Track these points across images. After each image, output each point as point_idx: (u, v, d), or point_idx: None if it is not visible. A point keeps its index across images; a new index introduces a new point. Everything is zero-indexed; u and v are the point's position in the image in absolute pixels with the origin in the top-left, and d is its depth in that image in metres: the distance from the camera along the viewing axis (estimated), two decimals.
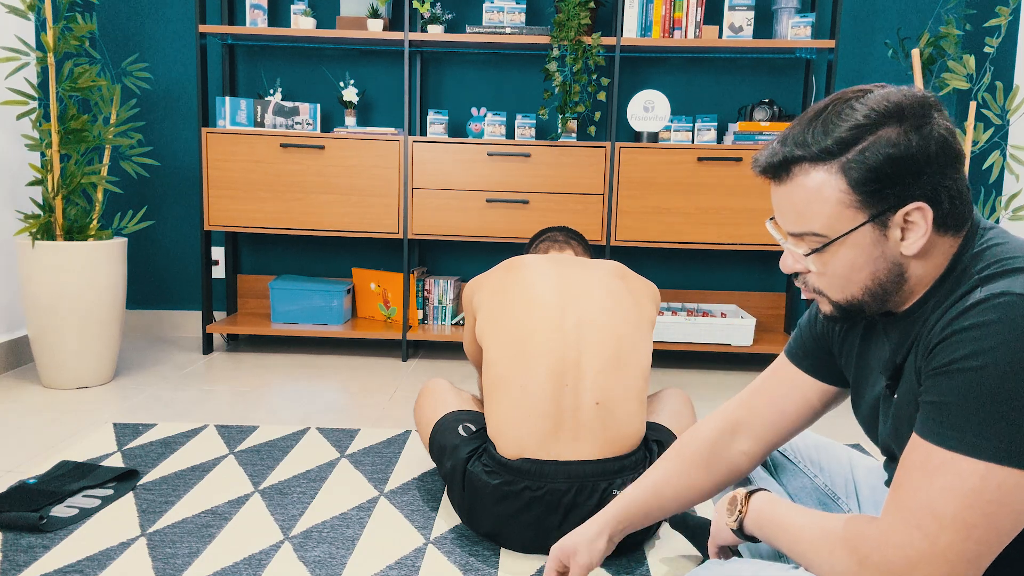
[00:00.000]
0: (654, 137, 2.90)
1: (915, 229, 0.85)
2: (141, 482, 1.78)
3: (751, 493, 1.03)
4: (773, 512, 0.98)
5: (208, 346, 3.05)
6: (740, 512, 1.02)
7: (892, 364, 0.95)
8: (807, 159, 0.86)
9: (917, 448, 0.81)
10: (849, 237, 0.87)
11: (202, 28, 2.88)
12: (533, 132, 3.00)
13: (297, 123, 2.98)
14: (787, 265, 0.94)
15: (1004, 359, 0.75)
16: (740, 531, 1.03)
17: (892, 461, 1.05)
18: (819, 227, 0.88)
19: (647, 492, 1.16)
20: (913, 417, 0.90)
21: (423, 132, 3.21)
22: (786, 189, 0.89)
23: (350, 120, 3.06)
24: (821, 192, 0.86)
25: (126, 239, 2.64)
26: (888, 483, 1.10)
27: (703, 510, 1.70)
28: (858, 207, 0.85)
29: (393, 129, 2.96)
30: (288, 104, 2.97)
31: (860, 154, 0.84)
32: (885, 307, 0.92)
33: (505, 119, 3.12)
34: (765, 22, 3.13)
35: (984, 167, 2.55)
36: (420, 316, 3.21)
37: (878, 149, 0.83)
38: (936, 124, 0.84)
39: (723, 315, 3.08)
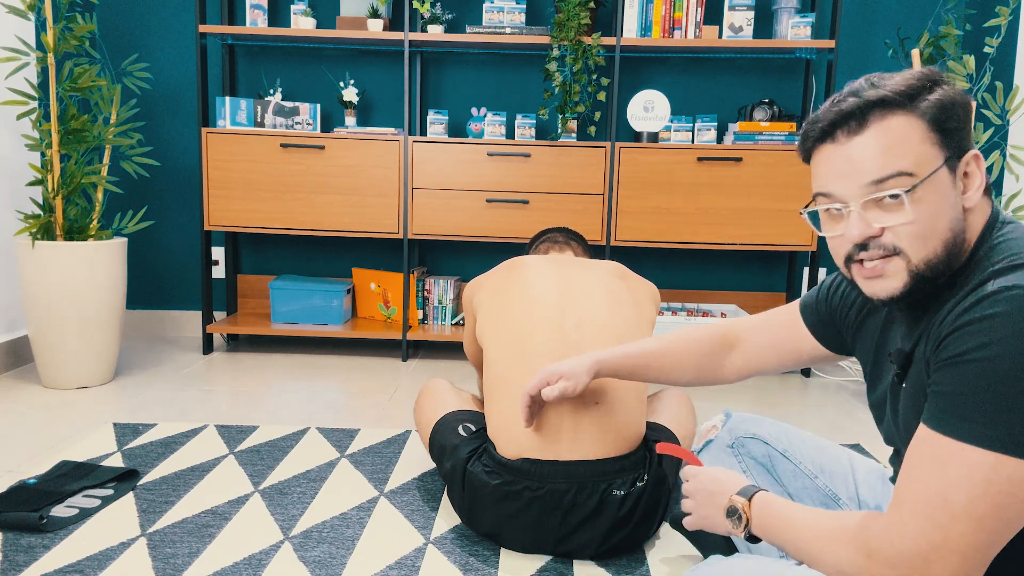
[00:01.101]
0: (654, 137, 2.91)
1: (974, 178, 0.89)
2: (141, 482, 1.78)
3: (750, 497, 1.01)
4: (776, 512, 0.97)
5: (208, 346, 3.05)
6: (746, 519, 1.01)
7: (901, 353, 0.95)
8: (884, 105, 0.86)
9: (925, 439, 0.82)
10: (935, 177, 0.86)
11: (202, 28, 2.88)
12: (533, 132, 3.00)
13: (297, 123, 2.98)
14: (858, 231, 0.88)
15: (1013, 350, 0.76)
16: (749, 537, 1.02)
17: (897, 456, 1.05)
18: (908, 165, 0.85)
19: (640, 355, 1.29)
20: (920, 408, 0.90)
21: (423, 132, 3.21)
22: (861, 139, 0.87)
23: (350, 120, 3.06)
24: (906, 131, 0.86)
25: (126, 239, 2.64)
26: (893, 479, 1.10)
27: None
28: (939, 146, 0.87)
29: (393, 129, 2.96)
30: (288, 104, 2.97)
31: (931, 99, 0.86)
32: (948, 272, 0.89)
33: (505, 119, 3.12)
34: (765, 22, 3.13)
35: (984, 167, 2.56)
36: (420, 316, 3.21)
37: (944, 96, 0.87)
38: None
39: (723, 315, 3.08)
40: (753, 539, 1.02)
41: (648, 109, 2.86)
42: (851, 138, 0.87)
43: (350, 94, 3.04)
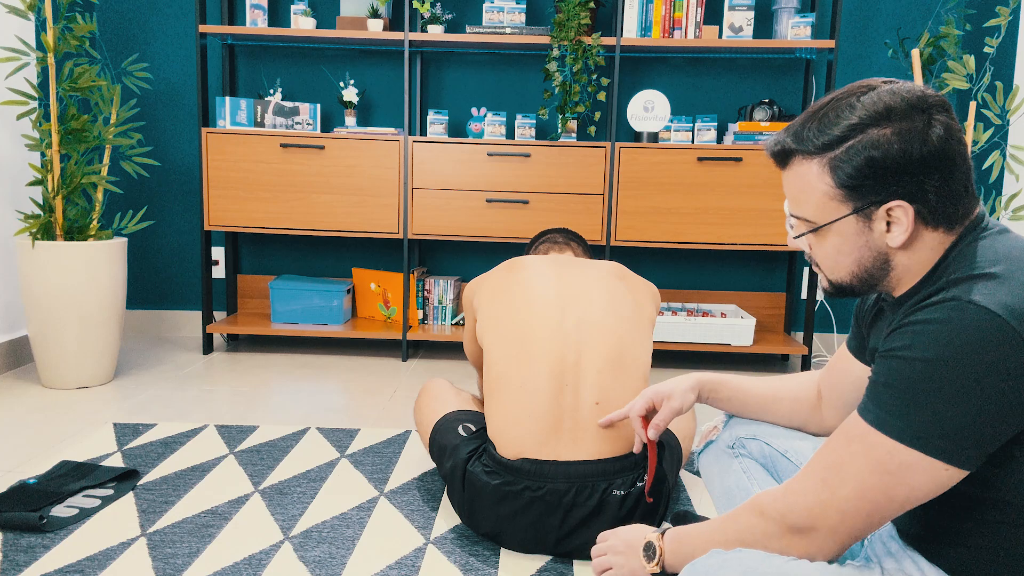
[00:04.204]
0: (654, 137, 2.90)
1: (898, 224, 0.91)
2: (141, 482, 1.78)
3: (663, 534, 1.10)
4: (686, 533, 1.05)
5: (208, 346, 3.05)
6: (659, 554, 1.08)
7: (873, 349, 1.02)
8: (800, 153, 0.95)
9: (850, 418, 0.91)
10: (834, 226, 0.95)
11: (202, 28, 2.88)
12: (533, 132, 3.00)
13: (297, 123, 2.98)
14: (790, 241, 1.03)
15: (931, 355, 0.82)
16: (663, 572, 1.09)
17: None
18: (809, 214, 0.96)
19: (740, 388, 1.30)
20: None
21: (423, 132, 3.21)
22: (786, 175, 0.99)
23: (350, 120, 3.06)
24: (811, 183, 0.94)
25: (126, 239, 2.64)
26: None
27: (705, 510, 1.70)
28: (841, 200, 0.93)
29: (393, 129, 2.96)
30: (288, 104, 2.97)
31: (846, 152, 0.91)
32: (874, 290, 0.99)
33: (505, 119, 3.12)
34: (765, 22, 3.13)
35: (984, 167, 2.55)
36: (420, 316, 3.21)
37: (861, 150, 0.90)
38: (930, 125, 0.89)
39: (723, 315, 3.08)
40: (667, 573, 1.09)
41: (648, 109, 2.86)
42: (783, 171, 0.99)
43: (350, 94, 3.04)
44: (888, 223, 0.92)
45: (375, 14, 2.93)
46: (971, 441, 0.82)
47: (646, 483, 1.42)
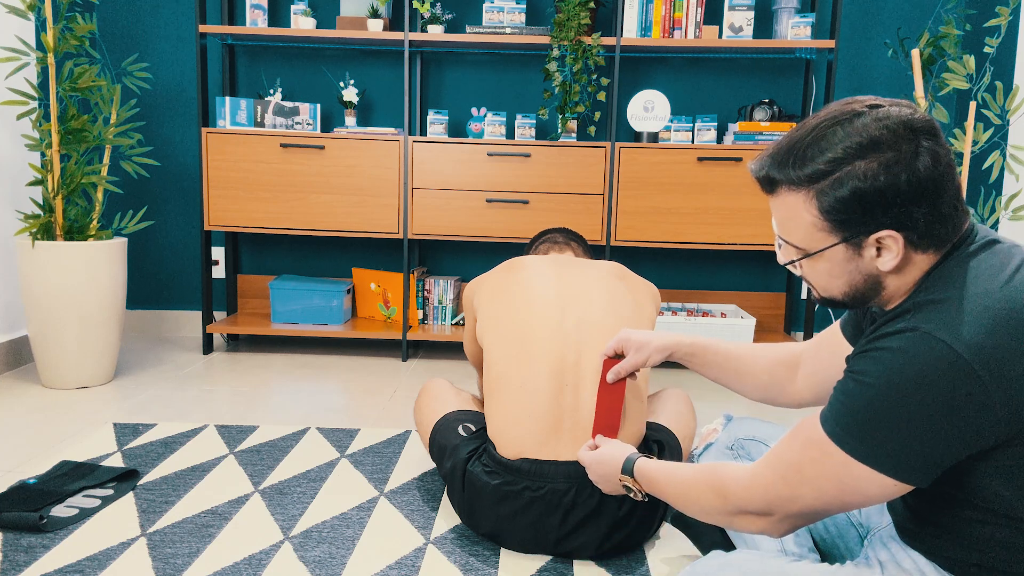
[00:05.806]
0: (654, 137, 2.90)
1: (888, 251, 0.91)
2: (141, 482, 1.78)
3: (632, 472, 1.23)
4: (653, 476, 1.18)
5: (208, 346, 3.05)
6: (639, 492, 1.24)
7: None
8: (784, 183, 0.94)
9: (812, 422, 0.94)
10: (823, 253, 0.95)
11: (202, 28, 2.88)
12: (533, 132, 3.00)
13: (297, 123, 2.98)
14: (780, 259, 1.03)
15: (884, 382, 0.85)
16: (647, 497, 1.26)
17: None
18: (797, 240, 0.96)
19: (717, 352, 1.32)
20: None
21: (423, 132, 3.21)
22: (773, 202, 0.98)
23: (350, 120, 3.06)
24: (797, 213, 0.94)
25: (126, 239, 2.64)
26: None
27: None
28: (829, 231, 0.93)
29: (393, 129, 2.96)
30: (288, 104, 2.97)
31: (831, 185, 0.90)
32: (866, 307, 1.00)
33: (505, 119, 3.12)
34: (765, 22, 3.13)
35: (984, 167, 2.55)
36: (420, 316, 3.21)
37: (847, 182, 0.89)
38: (917, 154, 0.88)
39: (723, 315, 3.08)
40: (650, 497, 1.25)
41: (648, 109, 2.86)
42: (769, 196, 0.98)
43: (350, 94, 3.04)
44: (878, 249, 0.92)
45: (375, 14, 2.93)
46: (919, 463, 0.86)
47: (593, 426, 1.41)
